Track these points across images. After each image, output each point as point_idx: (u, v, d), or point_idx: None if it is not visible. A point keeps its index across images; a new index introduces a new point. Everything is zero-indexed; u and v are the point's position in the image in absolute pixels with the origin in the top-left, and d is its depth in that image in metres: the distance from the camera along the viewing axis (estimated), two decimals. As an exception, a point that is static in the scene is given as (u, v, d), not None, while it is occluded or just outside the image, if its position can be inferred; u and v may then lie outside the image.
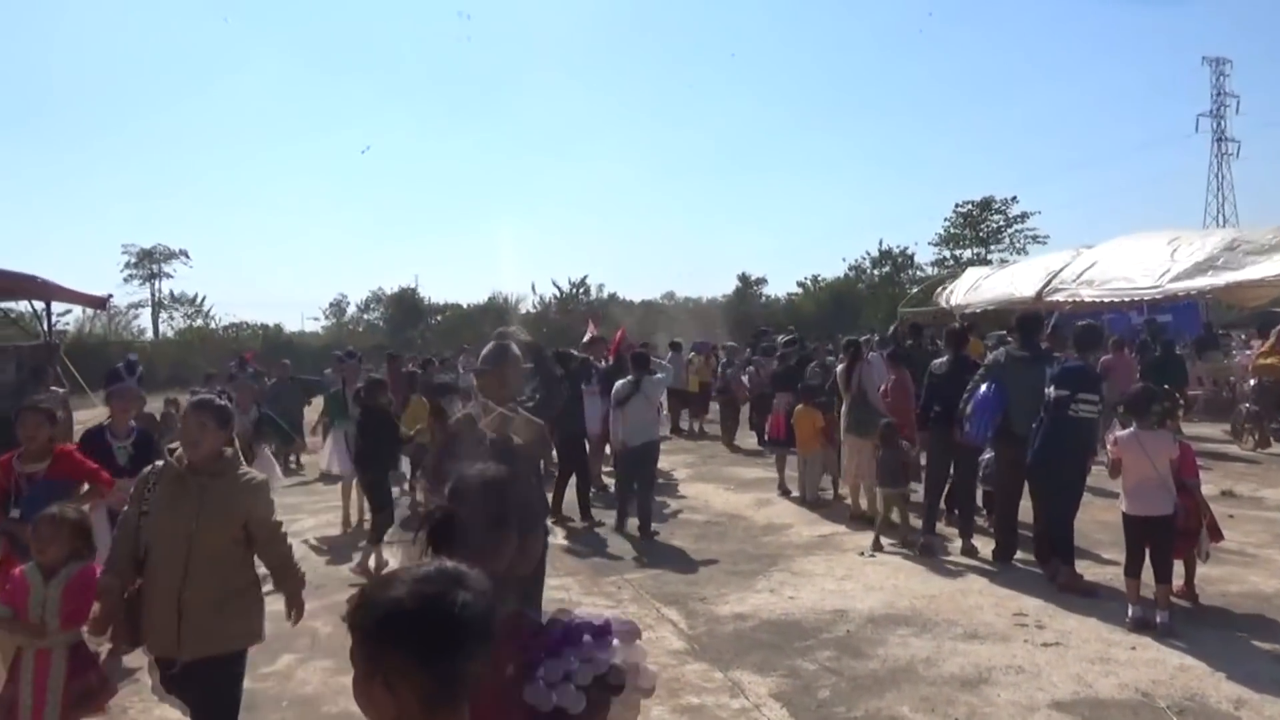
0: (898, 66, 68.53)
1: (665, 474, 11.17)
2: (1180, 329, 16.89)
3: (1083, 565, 6.47)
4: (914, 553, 7.20)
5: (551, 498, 9.10)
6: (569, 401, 9.48)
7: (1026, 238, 41.56)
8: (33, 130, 64.19)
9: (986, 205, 42.25)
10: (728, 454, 13.53)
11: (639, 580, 6.94)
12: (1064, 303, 15.80)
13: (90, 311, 32.89)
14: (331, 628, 6.11)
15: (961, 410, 6.83)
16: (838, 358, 10.38)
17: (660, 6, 72.76)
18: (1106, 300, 14.81)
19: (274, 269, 67.71)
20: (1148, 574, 5.46)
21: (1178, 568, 5.72)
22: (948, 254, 43.00)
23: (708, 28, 71.40)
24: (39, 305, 11.75)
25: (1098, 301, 14.91)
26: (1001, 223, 42.30)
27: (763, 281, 46.78)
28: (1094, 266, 15.24)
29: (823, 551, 7.57)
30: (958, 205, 42.87)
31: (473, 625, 1.36)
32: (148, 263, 46.58)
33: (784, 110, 70.14)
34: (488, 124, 72.72)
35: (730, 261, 77.52)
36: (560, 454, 9.39)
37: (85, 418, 12.01)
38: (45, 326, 11.86)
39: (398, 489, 8.73)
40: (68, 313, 30.86)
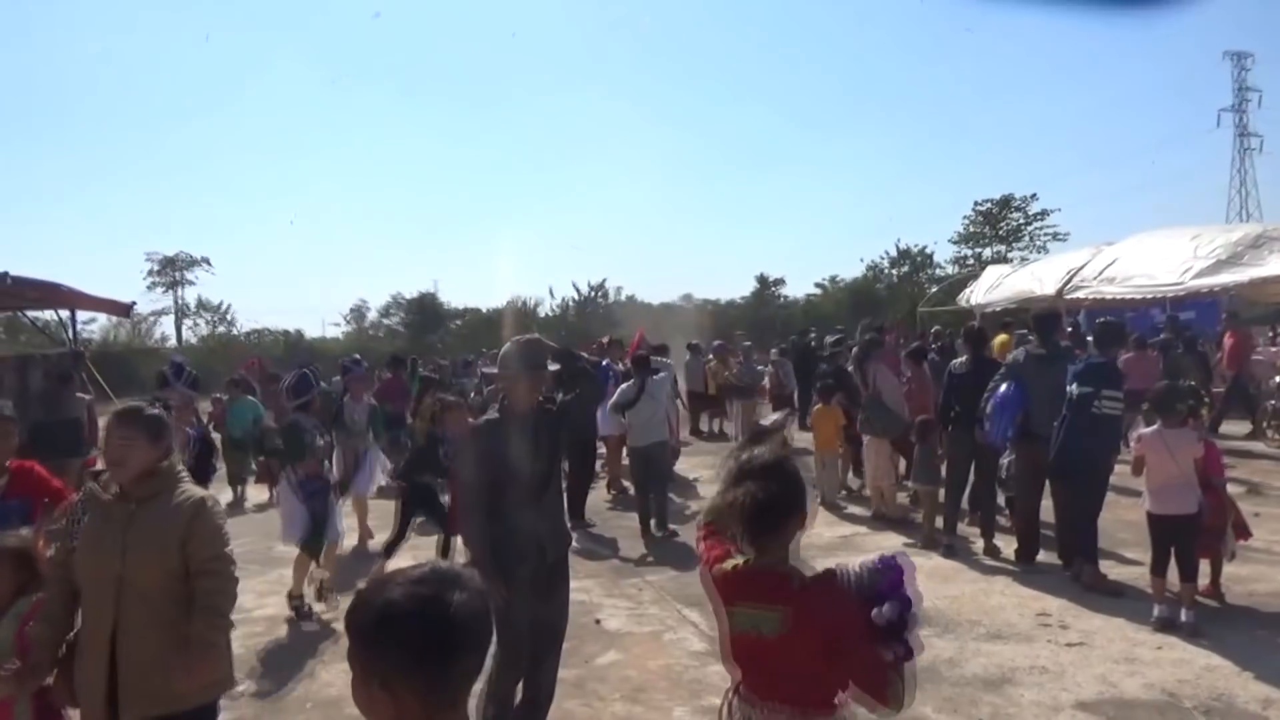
0: (914, 66, 68.34)
1: (685, 477, 11.16)
2: (1203, 326, 16.70)
3: (1107, 564, 6.42)
4: (939, 553, 7.19)
5: (568, 502, 9.13)
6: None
7: (1047, 235, 41.25)
8: (59, 141, 65.09)
9: (1006, 203, 41.94)
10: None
11: (660, 582, 6.94)
12: (1085, 300, 15.69)
13: (115, 319, 33.27)
14: (354, 630, 6.18)
15: (982, 410, 6.79)
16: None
17: (677, 10, 72.80)
18: (1128, 297, 14.68)
19: (295, 275, 68.27)
20: (1173, 573, 5.42)
21: (1203, 567, 5.67)
22: (968, 252, 42.77)
23: (724, 31, 71.41)
24: (64, 313, 11.90)
25: (1119, 299, 14.78)
26: (1021, 221, 41.98)
27: (781, 282, 46.65)
28: (1115, 264, 15.10)
29: (844, 552, 7.54)
30: (977, 204, 42.63)
31: (467, 625, 1.37)
32: (170, 270, 47.12)
33: (800, 111, 70.08)
34: (505, 129, 73.12)
35: (748, 263, 77.24)
36: (569, 456, 9.41)
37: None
38: (71, 334, 12.02)
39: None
40: (93, 320, 31.41)
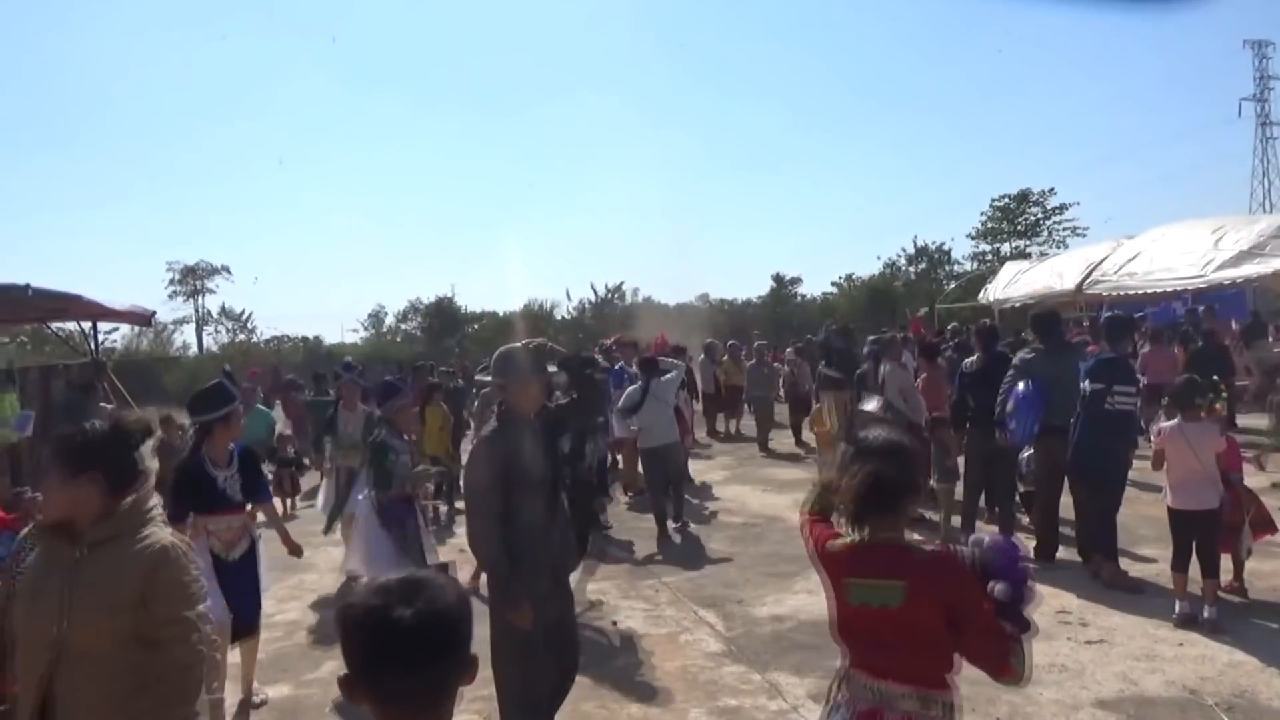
0: (929, 61, 67.94)
1: (701, 477, 11.16)
2: (1226, 318, 16.51)
3: (1127, 561, 6.36)
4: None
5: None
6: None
7: (1066, 230, 40.84)
8: (82, 153, 65.83)
9: (1024, 198, 41.55)
10: (764, 455, 13.47)
11: (676, 583, 6.94)
12: (1106, 295, 15.56)
13: (137, 328, 33.67)
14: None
15: (1001, 410, 6.73)
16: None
17: (690, 10, 72.76)
18: (1149, 291, 14.55)
19: (314, 282, 68.59)
20: (1195, 569, 5.37)
21: (1225, 562, 5.61)
22: (986, 248, 42.43)
23: (737, 31, 71.33)
24: (86, 324, 12.04)
25: (1140, 293, 14.66)
26: (1040, 215, 41.61)
27: (797, 281, 46.40)
28: (1136, 258, 14.98)
29: (861, 552, 7.50)
30: (994, 199, 42.27)
31: (416, 637, 1.33)
32: (191, 279, 47.53)
33: (815, 109, 69.84)
34: (521, 134, 73.34)
35: (764, 262, 77.04)
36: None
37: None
38: (93, 344, 12.16)
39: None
40: (115, 330, 31.74)
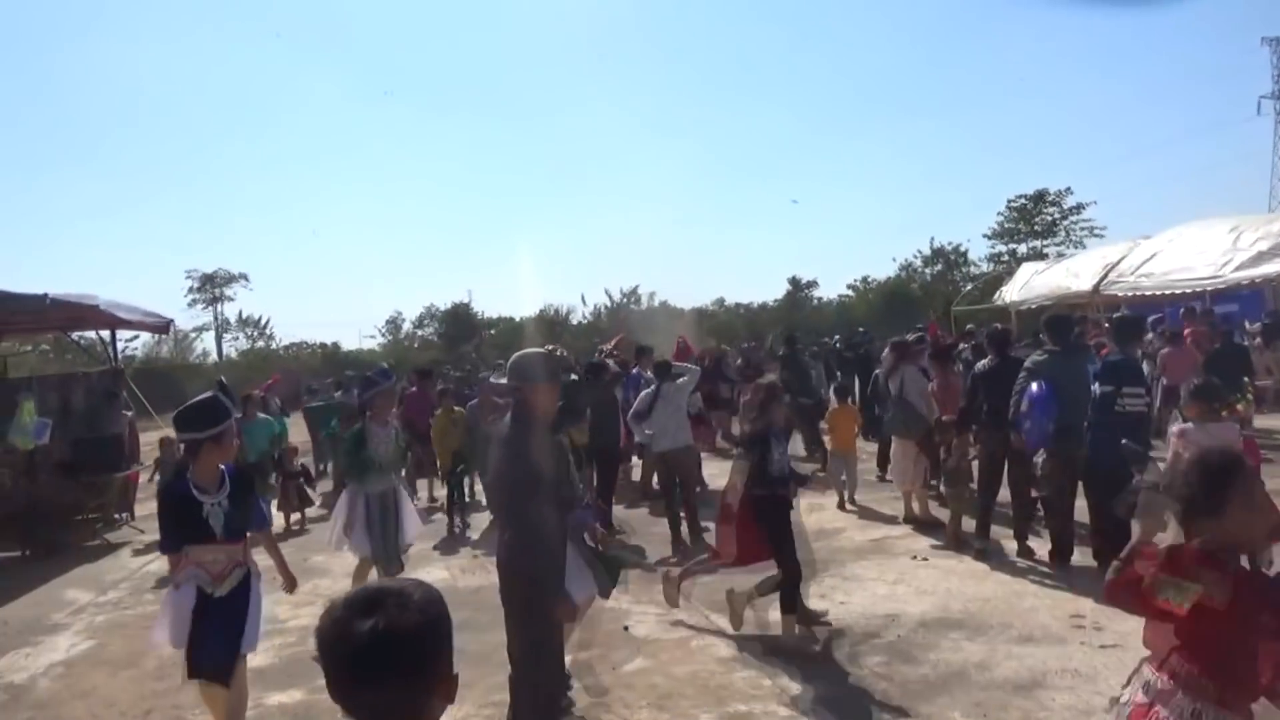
0: (942, 61, 67.58)
1: (716, 482, 11.13)
2: (1246, 318, 16.33)
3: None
4: (970, 555, 7.10)
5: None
6: (606, 414, 9.54)
7: (1083, 230, 40.60)
8: (101, 162, 66.54)
9: (1040, 198, 41.37)
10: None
11: (688, 588, 6.91)
12: (1123, 296, 15.43)
13: (156, 336, 33.94)
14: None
15: (1015, 412, 6.69)
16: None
17: (704, 12, 72.78)
18: (1166, 292, 14.41)
19: (332, 289, 69.04)
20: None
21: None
22: (1002, 249, 42.23)
23: (751, 33, 71.25)
24: (105, 332, 12.15)
25: (1158, 294, 14.52)
26: (1057, 215, 41.39)
27: (813, 284, 46.37)
28: (1153, 258, 14.84)
29: (875, 556, 7.48)
30: (1011, 199, 42.08)
31: (380, 651, 1.29)
32: (210, 287, 47.97)
33: (828, 111, 69.63)
34: (536, 140, 73.48)
35: (780, 265, 76.88)
36: (596, 464, 9.47)
37: (152, 439, 12.42)
38: (112, 352, 12.27)
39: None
40: (136, 338, 32.04)
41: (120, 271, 61.31)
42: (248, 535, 4.45)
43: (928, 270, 43.51)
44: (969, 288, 29.64)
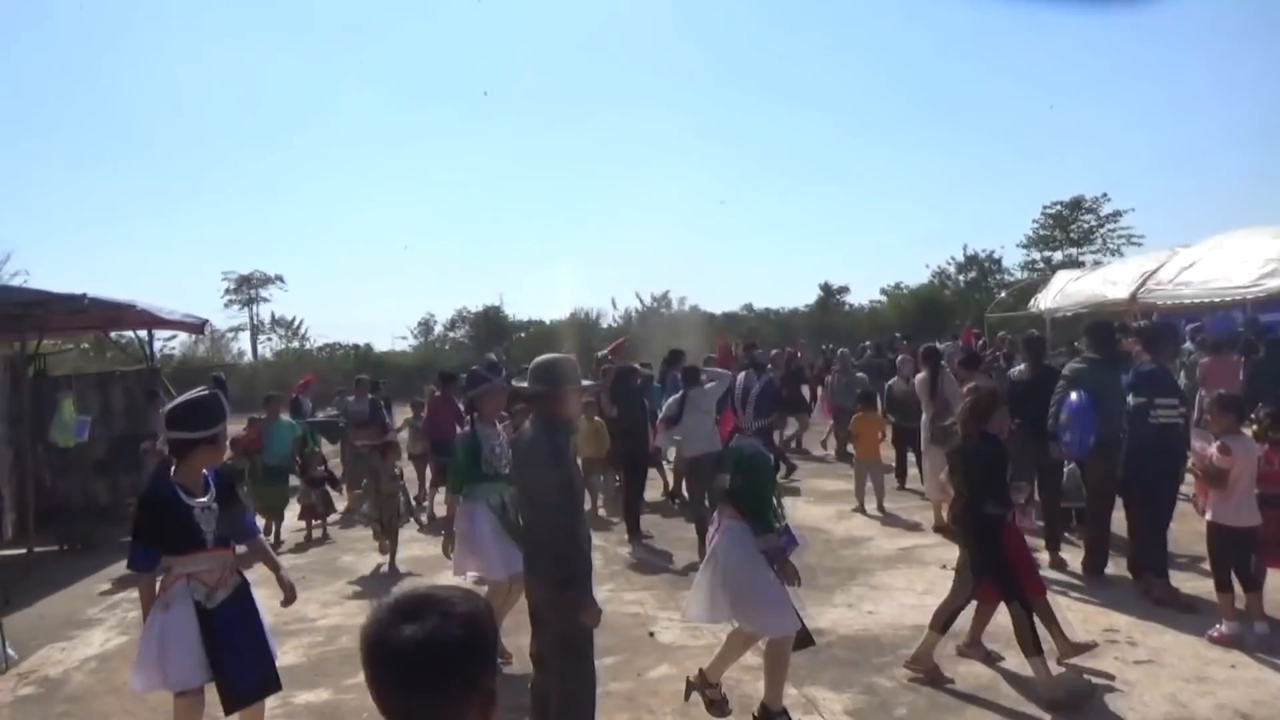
0: (977, 67, 66.65)
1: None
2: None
3: (1179, 578, 6.19)
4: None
5: (624, 515, 9.16)
6: (635, 419, 9.54)
7: (1120, 238, 39.96)
8: (139, 165, 67.58)
9: (1077, 205, 40.78)
10: (807, 465, 13.36)
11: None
12: (1161, 305, 15.15)
13: (194, 336, 34.47)
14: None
15: (1054, 422, 6.58)
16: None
17: (732, 20, 72.60)
18: (1206, 301, 14.14)
19: (364, 290, 69.55)
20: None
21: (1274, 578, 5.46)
22: (1037, 257, 41.71)
23: (781, 39, 70.93)
24: (143, 332, 12.36)
25: (1197, 302, 14.24)
26: (1093, 223, 40.79)
27: (845, 290, 46.00)
28: (1193, 266, 14.56)
29: (904, 565, 7.41)
30: (1046, 206, 41.55)
31: (411, 660, 1.29)
32: (245, 288, 48.62)
33: (861, 117, 68.96)
34: (569, 142, 73.58)
35: (811, 271, 76.35)
36: (625, 470, 9.47)
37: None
38: (149, 351, 12.47)
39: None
40: (174, 338, 32.57)
41: (158, 273, 62.18)
42: (232, 545, 4.03)
43: (961, 277, 43.06)
44: (1003, 295, 29.30)
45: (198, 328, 12.59)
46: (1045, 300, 19.23)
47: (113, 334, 14.12)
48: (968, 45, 66.92)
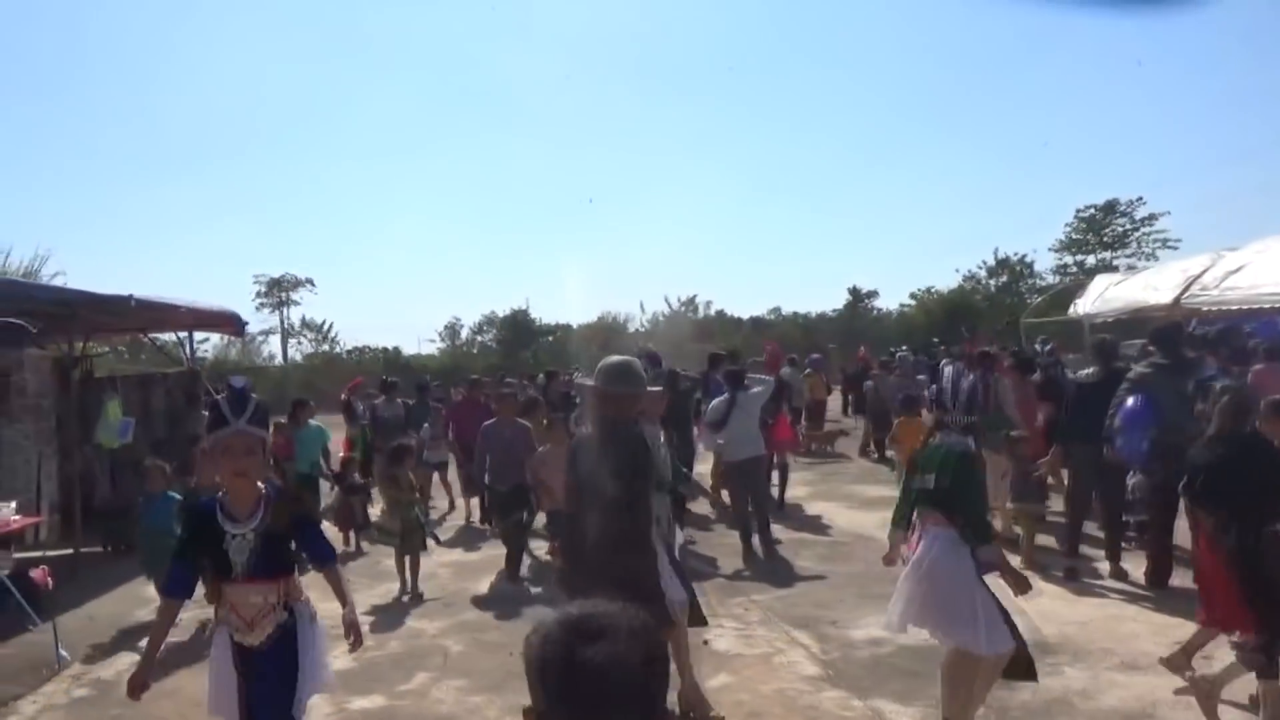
0: (1010, 66, 66.08)
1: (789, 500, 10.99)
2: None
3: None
4: (1060, 575, 6.87)
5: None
6: (680, 424, 9.45)
7: (1156, 242, 39.36)
8: (176, 175, 68.42)
9: (1111, 208, 40.25)
10: (848, 471, 13.23)
11: (766, 602, 6.80)
12: (1206, 310, 14.88)
13: (226, 339, 34.79)
14: (463, 646, 6.21)
15: (1109, 426, 6.45)
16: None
17: (760, 22, 72.41)
18: (1255, 306, 13.86)
19: (393, 294, 69.97)
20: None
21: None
22: (1070, 260, 41.22)
23: (811, 42, 70.61)
24: (181, 333, 12.41)
25: (1245, 308, 13.96)
26: (1128, 226, 40.22)
27: (874, 294, 45.69)
28: (1240, 270, 14.28)
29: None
30: (1079, 210, 41.04)
31: (602, 683, 1.22)
32: (277, 291, 49.00)
33: (893, 117, 68.58)
34: (597, 147, 73.71)
35: (839, 275, 76.12)
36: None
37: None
38: (188, 353, 12.52)
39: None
40: (206, 340, 32.87)
41: (190, 279, 62.86)
42: (281, 576, 3.48)
43: (992, 281, 42.65)
44: (1036, 299, 28.96)
45: (238, 330, 12.63)
46: (1084, 305, 18.95)
47: (150, 336, 14.21)
48: (1002, 45, 66.42)
